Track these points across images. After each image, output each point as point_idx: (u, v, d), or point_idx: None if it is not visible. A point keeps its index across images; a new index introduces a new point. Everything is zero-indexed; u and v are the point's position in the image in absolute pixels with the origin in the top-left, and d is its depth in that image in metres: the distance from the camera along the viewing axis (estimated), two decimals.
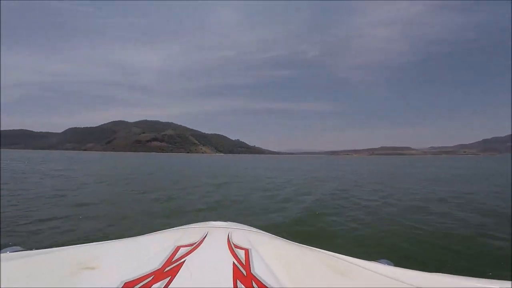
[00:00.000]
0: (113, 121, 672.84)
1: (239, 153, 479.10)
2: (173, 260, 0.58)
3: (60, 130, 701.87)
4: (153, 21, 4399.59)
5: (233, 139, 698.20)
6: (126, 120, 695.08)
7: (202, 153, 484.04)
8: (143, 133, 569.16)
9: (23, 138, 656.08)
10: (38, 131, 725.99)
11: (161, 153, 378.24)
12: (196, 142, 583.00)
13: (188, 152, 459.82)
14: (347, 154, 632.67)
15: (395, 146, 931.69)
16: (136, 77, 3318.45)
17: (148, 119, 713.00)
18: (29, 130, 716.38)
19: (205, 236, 0.79)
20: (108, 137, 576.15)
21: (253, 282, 0.49)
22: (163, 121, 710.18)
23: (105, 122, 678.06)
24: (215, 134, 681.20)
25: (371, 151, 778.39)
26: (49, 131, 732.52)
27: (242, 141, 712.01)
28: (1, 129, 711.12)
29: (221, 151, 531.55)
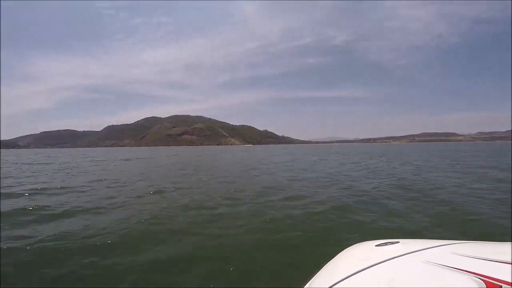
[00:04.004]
0: (146, 118, 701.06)
1: (268, 144, 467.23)
2: None
3: (99, 129, 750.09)
4: (178, 19, 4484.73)
5: (261, 129, 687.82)
6: (158, 116, 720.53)
7: (231, 144, 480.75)
8: (174, 127, 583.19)
9: (69, 138, 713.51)
10: (81, 130, 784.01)
11: (192, 146, 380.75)
12: (225, 134, 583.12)
13: (217, 144, 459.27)
14: (384, 142, 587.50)
15: (438, 132, 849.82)
16: (166, 74, 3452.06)
17: (179, 114, 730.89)
18: (74, 130, 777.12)
19: None
20: (142, 132, 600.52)
21: None
22: (193, 115, 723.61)
23: (139, 119, 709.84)
24: (244, 125, 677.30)
25: (412, 138, 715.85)
26: (91, 130, 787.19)
27: (270, 131, 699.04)
28: (51, 130, 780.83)
29: (249, 142, 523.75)
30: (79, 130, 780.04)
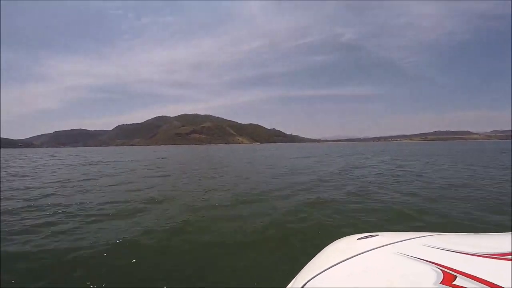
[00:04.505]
0: (156, 117, 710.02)
1: (276, 142, 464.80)
2: None
3: (110, 128, 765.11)
4: (184, 18, 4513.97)
5: (269, 128, 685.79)
6: (167, 115, 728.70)
7: (239, 143, 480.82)
8: (183, 126, 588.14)
9: (81, 137, 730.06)
10: (93, 129, 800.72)
11: (200, 144, 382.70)
12: (233, 132, 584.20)
13: (226, 143, 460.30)
14: (396, 140, 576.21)
15: (451, 130, 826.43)
16: (174, 74, 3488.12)
17: (188, 113, 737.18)
18: (85, 129, 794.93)
19: None
20: (151, 131, 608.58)
21: None
22: (202, 114, 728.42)
23: (149, 118, 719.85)
24: (251, 124, 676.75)
25: (424, 136, 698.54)
26: (102, 129, 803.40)
27: (278, 129, 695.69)
28: (63, 129, 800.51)
29: (257, 141, 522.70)
30: (90, 130, 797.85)
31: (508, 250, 0.64)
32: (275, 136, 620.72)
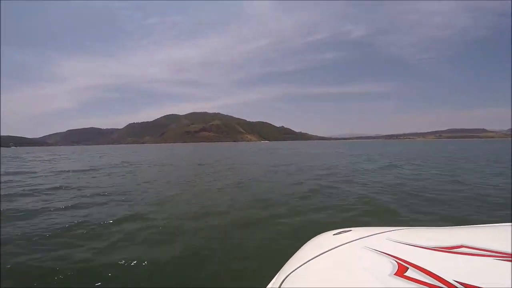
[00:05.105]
0: (165, 115, 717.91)
1: (285, 140, 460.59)
2: None
3: (121, 126, 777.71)
4: (191, 17, 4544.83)
5: (278, 126, 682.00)
6: (177, 113, 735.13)
7: (248, 141, 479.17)
8: (192, 124, 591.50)
9: (93, 135, 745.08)
10: (105, 128, 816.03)
11: (209, 142, 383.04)
12: (242, 130, 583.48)
13: (234, 141, 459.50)
14: (408, 138, 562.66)
15: (466, 128, 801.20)
16: (183, 72, 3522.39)
17: (197, 111, 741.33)
18: (97, 128, 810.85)
19: None
20: (161, 130, 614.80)
21: None
22: (211, 112, 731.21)
23: (159, 117, 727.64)
24: (260, 122, 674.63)
25: (438, 134, 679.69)
26: (113, 127, 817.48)
27: (287, 127, 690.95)
28: (76, 128, 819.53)
29: (266, 139, 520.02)
30: (102, 128, 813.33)
31: (456, 243, 0.71)
32: (284, 134, 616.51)
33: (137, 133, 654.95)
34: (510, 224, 0.81)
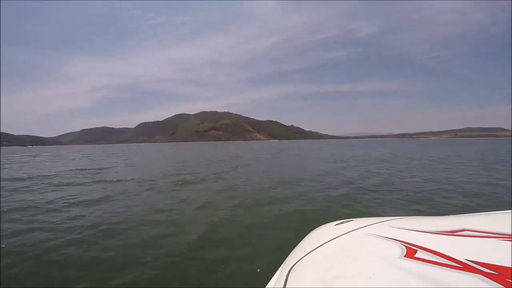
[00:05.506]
0: (176, 115, 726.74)
1: (294, 139, 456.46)
2: None
3: (133, 126, 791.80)
4: (199, 17, 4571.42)
5: (287, 125, 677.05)
6: (187, 113, 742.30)
7: (257, 140, 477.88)
8: (202, 123, 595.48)
9: (106, 134, 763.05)
10: (117, 127, 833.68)
11: (219, 141, 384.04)
12: (251, 129, 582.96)
13: (243, 140, 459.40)
14: (422, 137, 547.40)
15: (483, 127, 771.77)
16: (193, 72, 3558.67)
17: (206, 110, 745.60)
18: (110, 127, 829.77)
19: None
20: (172, 129, 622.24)
21: None
22: (220, 111, 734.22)
23: (170, 116, 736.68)
24: (269, 120, 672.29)
25: (453, 133, 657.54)
26: (125, 126, 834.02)
27: (297, 126, 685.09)
28: (90, 127, 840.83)
29: (275, 138, 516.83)
30: (114, 127, 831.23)
31: (459, 227, 0.74)
32: (294, 133, 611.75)
33: (149, 132, 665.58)
34: (510, 211, 0.83)
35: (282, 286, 0.65)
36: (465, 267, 0.53)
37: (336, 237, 0.87)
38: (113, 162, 14.32)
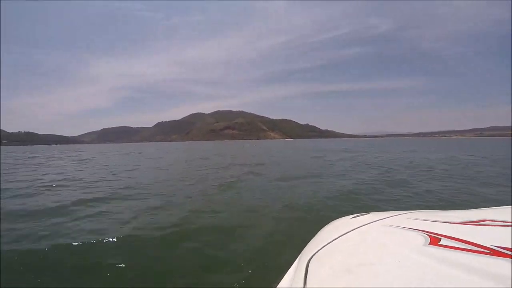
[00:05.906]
0: (191, 114, 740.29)
1: (310, 138, 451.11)
2: None
3: (150, 125, 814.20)
4: (212, 17, 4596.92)
5: (302, 123, 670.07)
6: (202, 112, 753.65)
7: (271, 139, 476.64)
8: (217, 122, 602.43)
9: (125, 133, 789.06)
10: (135, 126, 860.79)
11: (234, 140, 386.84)
12: (265, 128, 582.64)
13: (257, 139, 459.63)
14: (444, 136, 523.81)
15: (509, 125, 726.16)
16: (208, 72, 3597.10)
17: (221, 109, 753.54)
18: (129, 127, 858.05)
19: None
20: (188, 128, 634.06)
21: None
22: (235, 110, 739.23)
23: (186, 115, 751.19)
24: (283, 119, 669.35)
25: (479, 132, 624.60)
26: (143, 126, 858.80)
27: (312, 125, 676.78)
28: (109, 126, 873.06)
29: (289, 136, 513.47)
30: (133, 127, 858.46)
31: (479, 218, 0.75)
32: (309, 132, 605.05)
33: (165, 131, 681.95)
34: None
35: (303, 276, 0.62)
36: (494, 252, 0.52)
37: (354, 229, 0.87)
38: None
